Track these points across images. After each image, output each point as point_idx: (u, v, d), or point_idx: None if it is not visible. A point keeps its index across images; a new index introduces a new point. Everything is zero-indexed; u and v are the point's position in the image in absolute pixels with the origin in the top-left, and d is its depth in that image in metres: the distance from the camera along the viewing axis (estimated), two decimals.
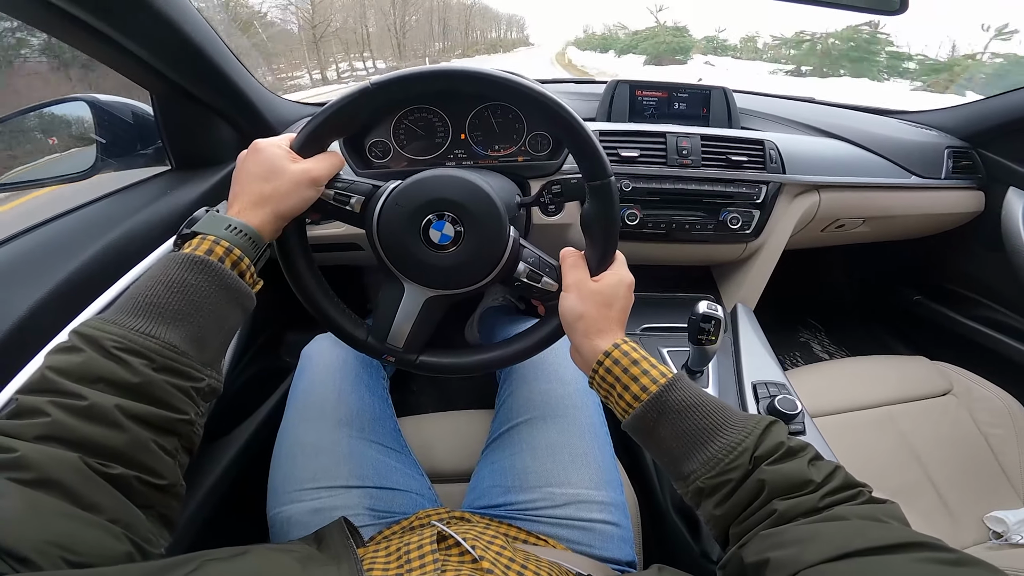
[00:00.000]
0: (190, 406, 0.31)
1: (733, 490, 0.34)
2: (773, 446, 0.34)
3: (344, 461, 0.53)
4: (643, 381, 0.39)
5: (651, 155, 0.80)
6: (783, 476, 0.33)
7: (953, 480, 0.74)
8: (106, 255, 0.54)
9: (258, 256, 0.39)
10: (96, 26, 0.50)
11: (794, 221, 0.87)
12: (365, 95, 0.43)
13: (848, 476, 0.34)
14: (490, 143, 0.76)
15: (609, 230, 0.46)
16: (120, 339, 0.29)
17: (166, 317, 0.31)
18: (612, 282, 0.45)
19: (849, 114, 1.10)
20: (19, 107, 0.71)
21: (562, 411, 0.58)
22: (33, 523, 0.22)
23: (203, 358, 0.33)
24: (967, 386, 0.85)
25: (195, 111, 0.70)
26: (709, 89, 0.93)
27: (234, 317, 0.36)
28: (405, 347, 0.49)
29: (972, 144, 1.03)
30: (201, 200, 0.70)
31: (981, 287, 1.12)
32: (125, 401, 0.27)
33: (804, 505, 0.31)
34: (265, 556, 0.29)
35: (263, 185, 0.40)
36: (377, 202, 0.46)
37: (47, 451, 0.25)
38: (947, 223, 1.07)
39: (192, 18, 0.58)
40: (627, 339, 0.43)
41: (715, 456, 0.35)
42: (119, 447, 0.26)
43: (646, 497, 0.74)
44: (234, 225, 0.37)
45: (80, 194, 0.65)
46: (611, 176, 0.45)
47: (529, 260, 0.48)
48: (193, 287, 0.33)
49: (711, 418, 0.36)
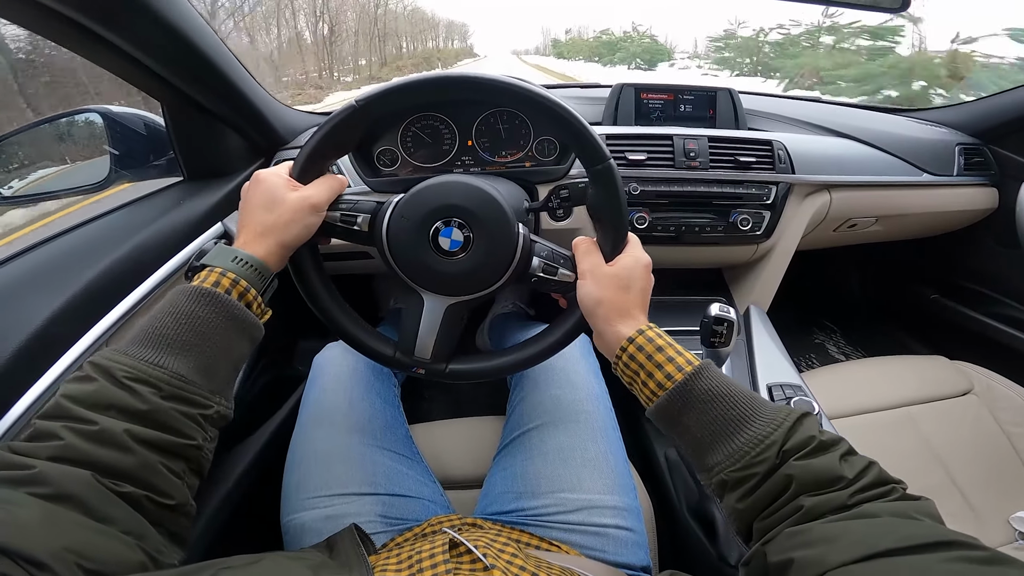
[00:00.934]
0: (197, 432, 0.32)
1: (758, 484, 0.33)
2: (803, 440, 0.33)
3: (356, 468, 0.54)
4: (668, 369, 0.38)
5: (658, 158, 0.80)
6: (812, 472, 0.31)
7: (977, 481, 0.73)
8: (122, 265, 0.55)
9: (265, 286, 0.40)
10: (104, 35, 0.51)
11: (805, 221, 0.86)
12: (353, 114, 0.44)
13: (882, 472, 0.32)
14: (497, 149, 0.76)
15: (616, 213, 0.45)
16: (130, 369, 0.30)
17: (175, 347, 0.33)
18: (628, 264, 0.44)
19: (857, 113, 1.09)
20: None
21: (573, 416, 0.58)
22: (50, 531, 0.23)
23: (211, 386, 0.34)
24: (988, 385, 0.84)
25: (205, 122, 0.71)
26: (715, 90, 0.93)
27: (242, 347, 0.37)
28: (433, 358, 0.49)
29: (983, 140, 1.02)
30: (213, 210, 0.71)
31: (998, 284, 1.11)
32: (134, 426, 0.29)
33: (833, 502, 0.30)
34: (278, 564, 0.30)
35: (265, 216, 0.41)
36: (383, 218, 0.46)
37: (62, 468, 0.26)
38: (961, 221, 1.06)
39: (199, 28, 0.59)
40: (652, 325, 0.42)
41: (741, 448, 0.34)
42: (128, 468, 0.28)
43: (660, 501, 0.73)
44: (240, 257, 0.38)
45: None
46: (609, 159, 0.44)
47: (542, 254, 0.47)
48: (200, 318, 0.34)
49: (739, 408, 0.35)
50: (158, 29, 0.54)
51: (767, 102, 1.04)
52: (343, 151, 0.47)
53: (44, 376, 0.44)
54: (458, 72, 0.45)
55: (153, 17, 0.52)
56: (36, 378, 0.43)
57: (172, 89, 0.63)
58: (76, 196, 0.78)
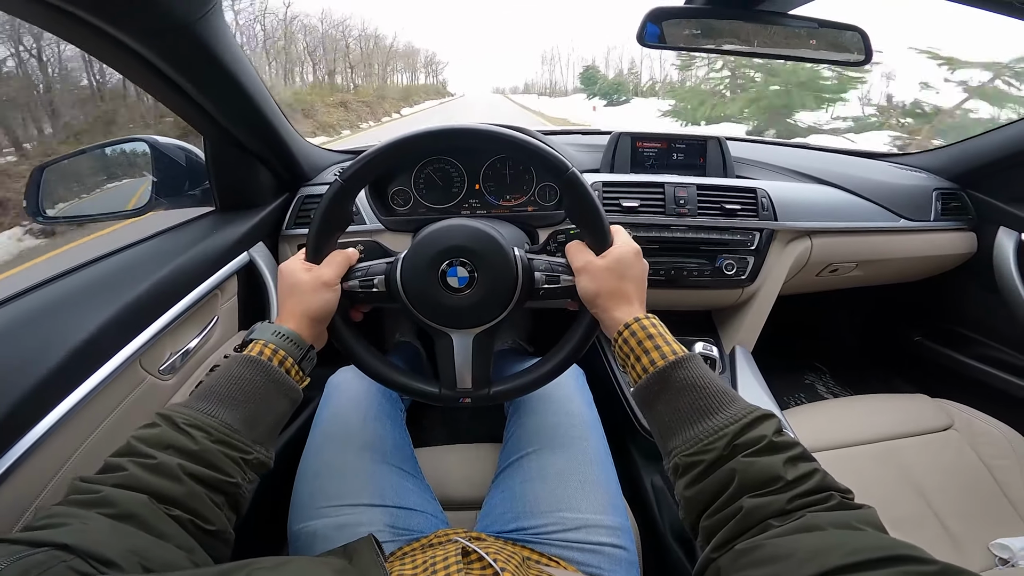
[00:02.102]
0: (238, 472, 0.37)
1: (705, 472, 0.35)
2: (755, 438, 0.35)
3: (368, 482, 0.57)
4: (653, 355, 0.42)
5: (650, 205, 0.85)
6: (755, 470, 0.33)
7: (957, 510, 0.74)
8: (162, 286, 0.61)
9: (303, 356, 0.46)
10: (164, 70, 0.56)
11: (788, 266, 0.91)
12: (340, 190, 0.49)
13: (825, 480, 0.33)
14: (502, 193, 0.82)
15: (591, 211, 0.49)
16: (188, 416, 0.37)
17: (225, 402, 0.39)
18: (617, 254, 0.48)
19: (838, 159, 1.14)
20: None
21: (570, 442, 0.62)
22: (117, 538, 0.28)
23: (253, 436, 0.40)
24: (968, 421, 0.86)
25: (241, 157, 0.78)
26: (705, 139, 0.99)
27: (281, 405, 0.43)
28: (474, 386, 0.53)
29: (960, 185, 1.05)
30: (242, 240, 0.77)
31: (980, 326, 1.13)
32: (186, 462, 0.34)
33: (772, 506, 0.31)
34: (305, 566, 0.34)
35: (291, 299, 0.48)
36: (396, 275, 0.50)
37: (124, 492, 0.31)
38: (940, 265, 1.09)
39: (248, 72, 0.65)
40: (650, 316, 0.45)
41: (697, 435, 0.36)
42: (179, 496, 0.33)
43: (646, 524, 0.76)
44: (278, 331, 0.46)
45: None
46: (571, 167, 0.49)
47: (542, 268, 0.51)
48: (247, 379, 0.41)
49: (709, 400, 0.38)
50: (209, 67, 0.59)
51: (754, 149, 1.09)
52: (343, 225, 0.52)
53: (87, 380, 0.49)
54: (422, 129, 0.50)
55: (211, 60, 0.58)
56: (81, 382, 0.48)
57: (217, 126, 0.70)
58: (116, 220, 0.84)
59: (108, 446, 0.54)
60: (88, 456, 0.51)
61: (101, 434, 0.53)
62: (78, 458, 0.50)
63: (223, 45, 0.59)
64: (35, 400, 0.44)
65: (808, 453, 0.36)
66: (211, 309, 0.73)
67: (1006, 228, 1.00)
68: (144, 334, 0.57)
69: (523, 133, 0.51)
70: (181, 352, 0.65)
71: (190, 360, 0.67)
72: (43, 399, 0.45)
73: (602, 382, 0.90)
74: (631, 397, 0.44)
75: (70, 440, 0.49)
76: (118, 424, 0.56)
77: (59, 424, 0.46)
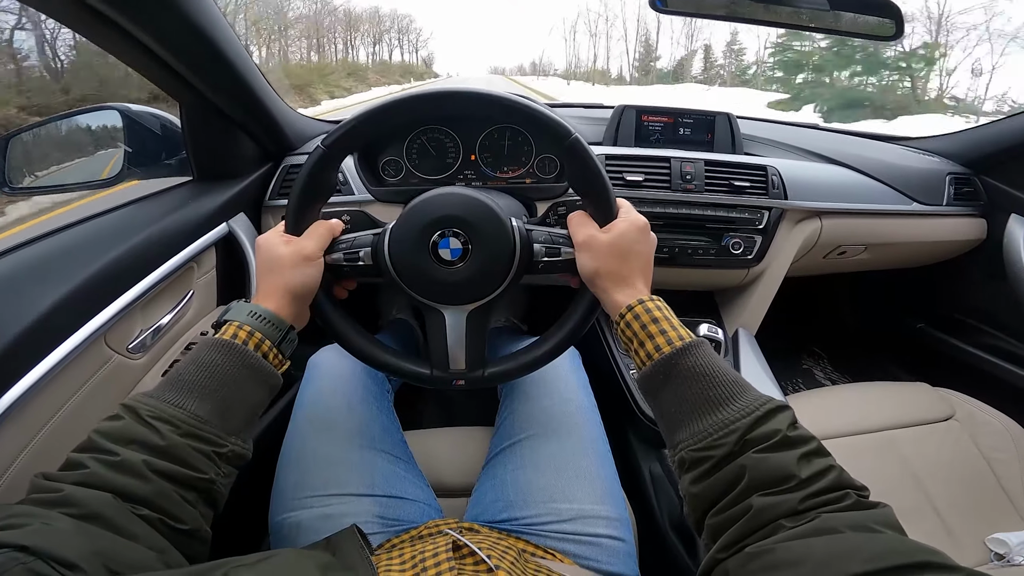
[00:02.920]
0: (211, 467, 0.35)
1: (713, 469, 0.33)
2: (768, 432, 0.32)
3: (355, 470, 0.54)
4: (658, 340, 0.39)
5: (655, 180, 0.82)
6: (767, 467, 0.31)
7: (955, 503, 0.74)
8: (126, 260, 0.56)
9: (282, 338, 0.43)
10: (132, 32, 0.52)
11: (796, 247, 0.88)
12: (322, 157, 0.45)
13: (842, 477, 0.31)
14: (499, 164, 0.78)
15: (596, 180, 0.45)
16: (153, 408, 0.34)
17: (195, 391, 0.36)
18: (622, 229, 0.44)
19: (851, 140, 1.11)
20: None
21: (565, 428, 0.59)
22: (81, 540, 0.26)
23: (227, 427, 0.37)
24: (969, 411, 0.85)
25: (221, 125, 0.73)
26: (714, 115, 0.95)
27: (258, 393, 0.40)
28: (468, 367, 0.50)
29: (974, 170, 1.03)
30: (220, 211, 0.73)
31: (984, 315, 1.12)
32: (152, 458, 0.32)
33: (783, 506, 0.29)
34: (291, 559, 0.32)
35: (269, 275, 0.44)
36: (384, 247, 0.47)
37: (86, 491, 0.29)
38: (949, 251, 1.08)
39: (225, 33, 0.61)
40: (654, 297, 0.42)
41: (706, 429, 0.34)
42: (145, 495, 0.31)
43: (643, 514, 0.74)
44: (255, 311, 0.42)
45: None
46: (574, 133, 0.45)
47: (541, 239, 0.47)
48: (219, 366, 0.38)
49: (718, 390, 0.35)
50: (186, 31, 0.55)
51: (764, 127, 1.06)
52: (326, 195, 0.48)
53: (42, 363, 0.45)
54: (411, 92, 0.46)
55: (182, 19, 0.53)
56: (33, 365, 0.45)
57: (193, 92, 0.65)
58: (87, 190, 0.79)
59: (73, 429, 0.51)
60: (51, 441, 0.48)
61: (64, 418, 0.50)
62: (39, 443, 0.47)
63: (198, 5, 0.55)
64: None
65: (824, 448, 0.33)
66: (186, 283, 0.69)
67: (1017, 215, 0.99)
68: (109, 309, 0.53)
69: (523, 99, 0.46)
70: (152, 329, 0.62)
71: (163, 337, 0.64)
72: None
73: (599, 364, 0.87)
74: (635, 384, 0.40)
75: (27, 426, 0.46)
76: (82, 406, 0.52)
77: (12, 409, 0.43)
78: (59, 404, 0.49)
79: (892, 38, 0.74)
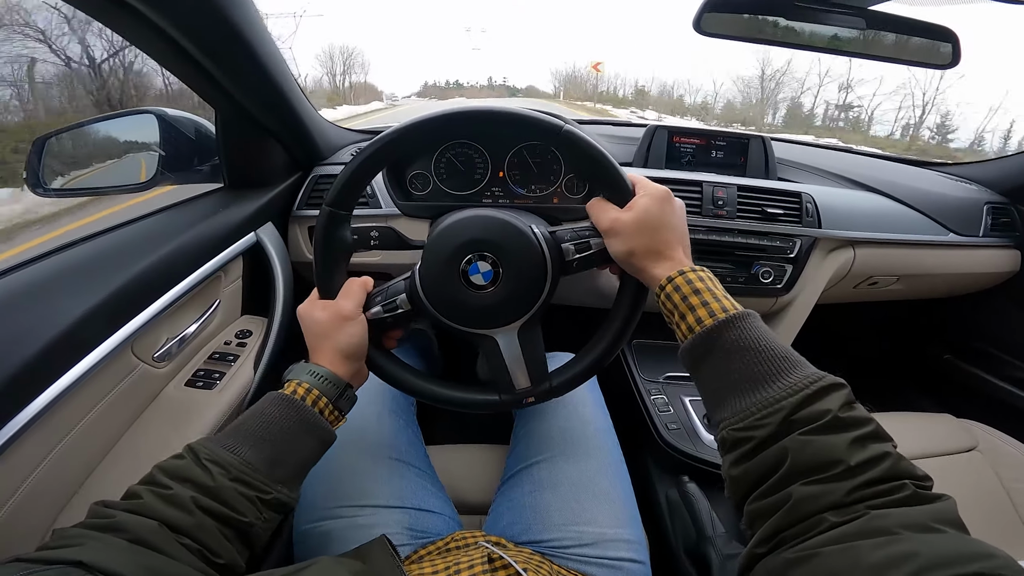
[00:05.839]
0: (251, 511, 0.36)
1: (754, 451, 0.30)
2: (817, 413, 0.29)
3: (384, 482, 0.55)
4: (700, 313, 0.37)
5: (686, 204, 0.80)
6: (812, 450, 0.28)
7: (975, 534, 0.72)
8: (157, 269, 0.57)
9: (339, 394, 0.45)
10: (172, 35, 0.52)
11: (827, 277, 0.86)
12: (329, 219, 0.46)
13: (899, 465, 0.27)
14: (527, 183, 0.77)
15: (599, 163, 0.44)
16: (210, 452, 0.37)
17: (250, 439, 0.39)
18: (644, 204, 0.42)
19: (887, 165, 1.09)
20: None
21: (584, 449, 0.59)
22: (131, 556, 0.29)
23: (275, 475, 0.39)
24: (993, 444, 0.83)
25: (254, 133, 0.74)
26: (748, 138, 0.93)
27: (310, 446, 0.42)
28: (533, 383, 0.49)
29: (1012, 199, 1.00)
30: (249, 220, 0.73)
31: (1013, 347, 1.09)
32: (200, 496, 0.34)
33: (827, 497, 0.26)
34: (328, 566, 0.34)
35: (318, 340, 0.46)
36: (417, 288, 0.47)
37: (135, 517, 0.31)
38: (982, 283, 1.05)
39: (265, 41, 0.61)
40: (696, 267, 0.40)
41: (748, 408, 0.31)
42: (188, 527, 0.33)
43: (657, 539, 0.73)
44: (314, 371, 0.44)
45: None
46: (563, 126, 0.44)
47: (567, 238, 0.46)
48: (276, 418, 0.40)
49: (765, 366, 0.33)
50: (227, 38, 0.55)
51: (798, 151, 1.04)
52: (347, 248, 0.48)
53: (71, 371, 0.46)
54: (392, 130, 0.45)
55: (223, 26, 0.54)
56: (63, 372, 0.45)
57: (230, 99, 0.65)
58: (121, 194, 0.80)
59: (98, 436, 0.52)
60: (74, 447, 0.49)
61: (88, 424, 0.50)
62: (63, 448, 0.48)
63: (242, 13, 0.55)
64: (10, 393, 0.41)
65: (883, 432, 0.29)
66: (213, 292, 0.69)
67: None
68: (137, 319, 0.53)
69: (507, 107, 0.46)
70: (178, 338, 0.62)
71: (188, 346, 0.64)
72: (19, 392, 0.42)
73: (616, 386, 0.86)
74: (655, 407, 0.39)
75: (53, 431, 0.47)
76: (107, 414, 0.53)
77: (41, 415, 0.43)
78: (84, 411, 0.50)
79: (948, 65, 0.71)
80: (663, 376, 0.84)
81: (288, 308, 0.75)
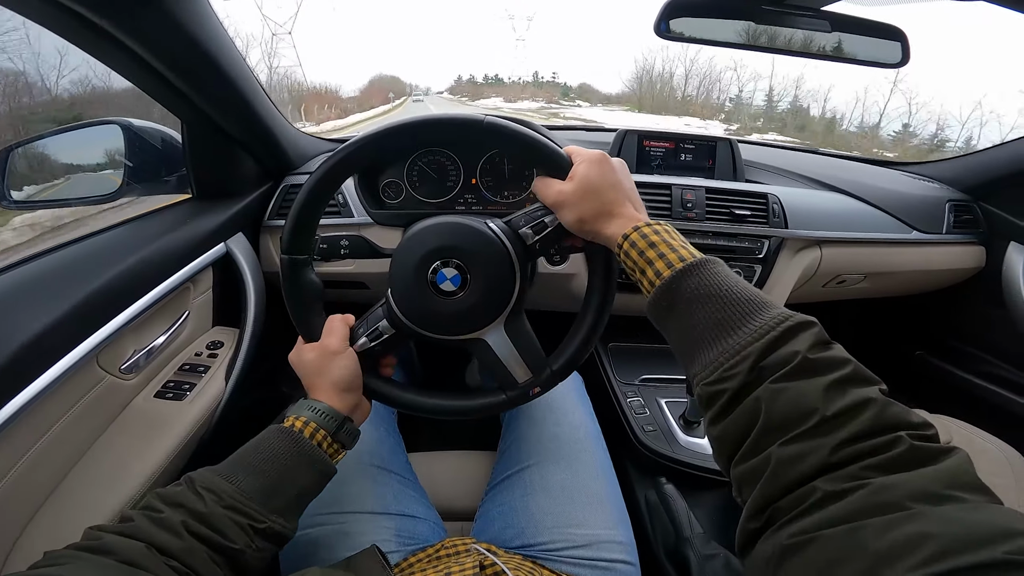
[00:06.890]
0: (242, 539, 0.36)
1: (729, 405, 0.28)
2: (785, 356, 0.26)
3: (369, 489, 0.55)
4: (658, 265, 0.35)
5: (656, 208, 0.82)
6: (784, 400, 0.25)
7: None
8: (122, 280, 0.56)
9: (337, 428, 0.45)
10: (132, 47, 0.52)
11: (795, 277, 0.87)
12: (292, 266, 0.47)
13: (884, 413, 0.24)
14: (500, 189, 0.78)
15: (529, 143, 0.45)
16: (206, 480, 0.37)
17: (247, 469, 0.40)
18: (582, 171, 0.42)
19: (852, 166, 1.11)
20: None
21: (574, 454, 0.59)
22: (120, 574, 0.29)
23: (270, 505, 0.39)
24: (967, 438, 0.84)
25: (222, 143, 0.73)
26: (715, 140, 0.95)
27: (308, 477, 0.42)
28: (534, 372, 0.49)
29: (973, 197, 1.03)
30: (218, 230, 0.72)
31: (983, 343, 1.11)
32: (191, 521, 0.34)
33: (811, 459, 0.23)
34: None
35: (313, 378, 0.47)
36: (395, 311, 0.48)
37: (123, 539, 0.31)
38: (948, 279, 1.07)
39: (228, 51, 0.61)
40: (652, 222, 0.39)
41: (715, 358, 0.29)
42: (177, 550, 0.33)
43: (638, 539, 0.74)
44: (313, 405, 0.45)
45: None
46: (485, 118, 0.45)
47: (522, 223, 0.47)
48: (274, 450, 0.41)
49: (729, 311, 0.30)
50: (186, 48, 0.55)
51: (765, 153, 1.06)
52: (316, 289, 0.49)
53: (34, 383, 0.45)
54: (327, 163, 0.45)
55: (182, 35, 0.53)
56: (25, 385, 0.44)
57: (196, 109, 0.65)
58: (86, 206, 0.79)
59: (62, 449, 0.51)
60: (40, 460, 0.48)
61: (53, 438, 0.49)
62: (28, 462, 0.47)
63: (201, 23, 0.55)
64: None
65: (865, 374, 0.26)
66: (182, 303, 0.68)
67: (1017, 243, 0.98)
68: (102, 331, 0.53)
69: (429, 116, 0.46)
70: (146, 350, 0.61)
71: (156, 358, 0.63)
72: None
73: (598, 390, 0.86)
74: (632, 411, 0.39)
75: (17, 446, 0.46)
76: (73, 426, 0.52)
77: (2, 429, 0.42)
78: (49, 424, 0.49)
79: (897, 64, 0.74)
80: (639, 378, 0.85)
81: (260, 318, 0.74)
